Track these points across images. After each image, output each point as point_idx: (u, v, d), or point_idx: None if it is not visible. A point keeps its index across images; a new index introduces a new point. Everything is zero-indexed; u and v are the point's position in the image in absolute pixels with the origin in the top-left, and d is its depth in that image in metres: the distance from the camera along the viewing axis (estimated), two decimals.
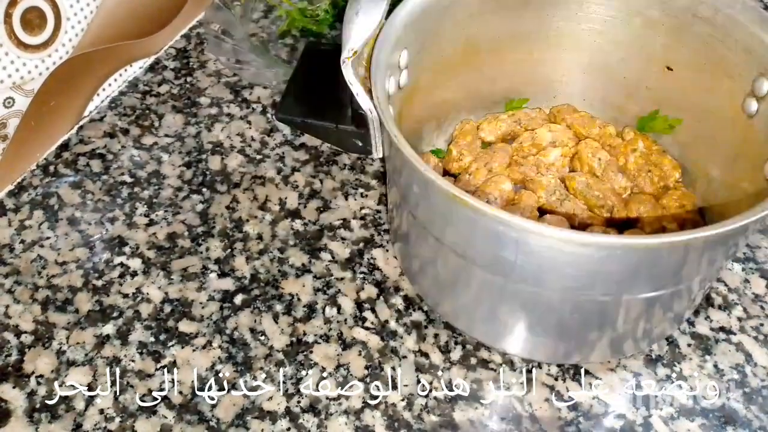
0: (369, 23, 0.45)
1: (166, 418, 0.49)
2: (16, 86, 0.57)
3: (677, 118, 0.57)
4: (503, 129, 0.60)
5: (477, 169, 0.56)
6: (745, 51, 0.48)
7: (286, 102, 0.54)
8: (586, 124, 0.59)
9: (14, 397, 0.50)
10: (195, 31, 0.75)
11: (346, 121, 0.49)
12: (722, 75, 0.51)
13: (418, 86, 0.53)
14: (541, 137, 0.58)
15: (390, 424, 0.49)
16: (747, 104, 0.49)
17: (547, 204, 0.54)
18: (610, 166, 0.56)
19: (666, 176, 0.56)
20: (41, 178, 0.62)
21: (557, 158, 0.57)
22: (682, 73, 0.55)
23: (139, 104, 0.67)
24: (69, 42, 0.60)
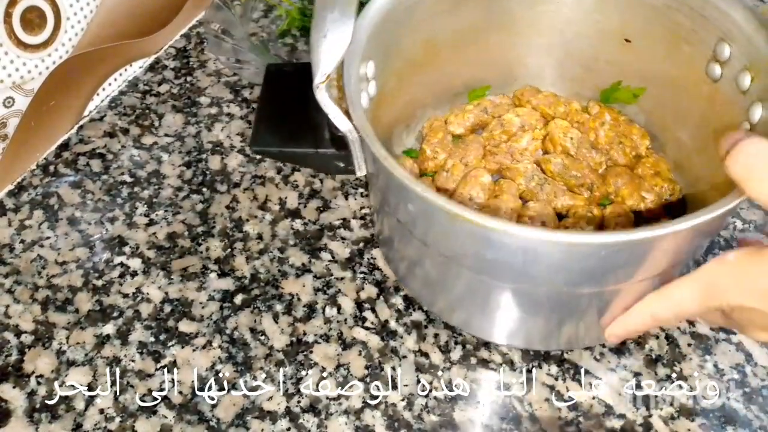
0: (338, 45, 0.44)
1: (166, 418, 0.49)
2: (15, 86, 0.57)
3: (641, 87, 0.58)
4: (471, 120, 0.60)
5: (454, 165, 0.56)
6: (701, 17, 0.49)
7: (259, 133, 0.51)
8: (551, 104, 0.60)
9: (14, 397, 0.50)
10: (195, 31, 0.75)
11: (325, 144, 0.47)
12: (681, 42, 0.51)
13: (385, 93, 0.53)
14: (509, 123, 0.58)
15: (390, 424, 0.49)
16: (710, 69, 0.49)
17: (528, 190, 0.55)
18: (582, 144, 0.57)
19: (636, 145, 0.57)
20: (41, 177, 0.62)
21: (529, 143, 0.57)
22: (641, 43, 0.55)
23: (139, 104, 0.67)
24: (69, 41, 0.60)
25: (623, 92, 0.59)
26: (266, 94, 0.54)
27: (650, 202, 0.54)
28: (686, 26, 0.50)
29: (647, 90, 0.58)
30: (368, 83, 0.50)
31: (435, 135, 0.59)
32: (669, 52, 0.53)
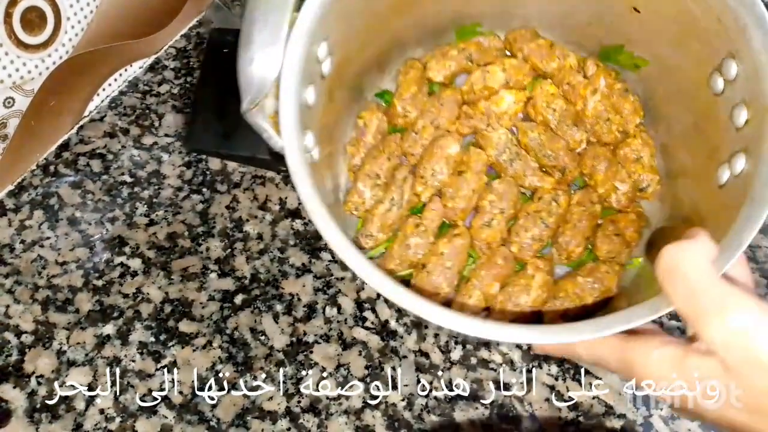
0: (267, 71, 0.41)
1: (166, 418, 0.49)
2: (16, 86, 0.57)
3: (644, 59, 0.52)
4: (453, 68, 0.54)
5: (424, 128, 0.53)
6: (718, 22, 0.43)
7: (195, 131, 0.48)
8: (544, 57, 0.54)
9: (15, 397, 0.50)
10: (195, 31, 0.75)
11: (262, 150, 0.44)
12: (691, 36, 0.46)
13: (348, 56, 0.49)
14: (493, 77, 0.53)
15: (390, 424, 0.49)
16: (714, 80, 0.44)
17: (497, 163, 0.52)
18: (565, 118, 0.53)
19: (626, 121, 0.53)
20: (41, 178, 0.62)
21: (510, 106, 0.53)
22: (650, 17, 0.49)
23: (139, 104, 0.67)
24: (69, 42, 0.60)
25: (625, 56, 0.53)
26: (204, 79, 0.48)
27: (622, 195, 0.51)
28: (700, 23, 0.45)
29: (651, 65, 0.52)
30: (321, 65, 0.46)
31: (408, 87, 0.54)
32: (677, 39, 0.48)
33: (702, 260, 0.34)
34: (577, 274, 0.49)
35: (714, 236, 0.38)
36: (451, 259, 0.48)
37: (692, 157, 0.49)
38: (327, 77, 0.46)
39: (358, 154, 0.53)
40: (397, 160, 0.53)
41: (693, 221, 0.46)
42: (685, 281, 0.34)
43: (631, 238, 0.50)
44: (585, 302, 0.48)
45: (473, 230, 0.50)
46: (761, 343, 0.32)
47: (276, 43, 0.41)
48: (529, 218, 0.50)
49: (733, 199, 0.41)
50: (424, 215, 0.50)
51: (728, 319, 0.32)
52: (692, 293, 0.33)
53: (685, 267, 0.34)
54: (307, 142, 0.43)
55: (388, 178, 0.52)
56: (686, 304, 0.34)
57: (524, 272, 0.49)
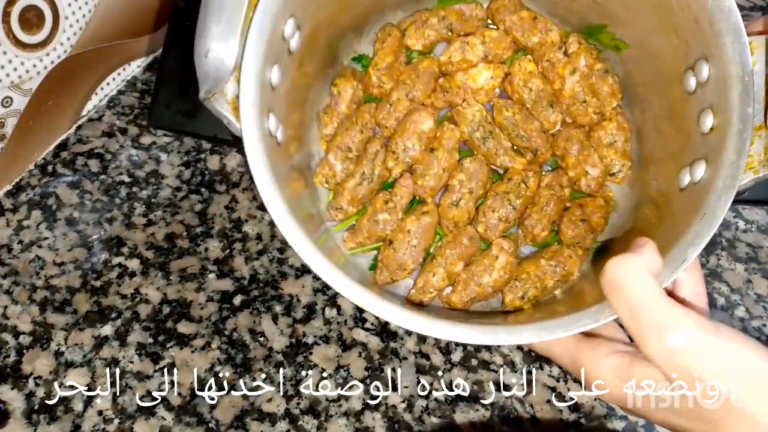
0: (223, 62, 0.40)
1: (165, 419, 0.49)
2: (14, 85, 0.57)
3: (624, 42, 0.51)
4: (432, 37, 0.53)
5: (398, 100, 0.52)
6: (695, 22, 0.43)
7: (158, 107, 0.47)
8: (526, 30, 0.52)
9: (13, 398, 0.49)
10: None
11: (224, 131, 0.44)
12: (670, 30, 0.46)
13: (321, 23, 0.48)
14: (472, 50, 0.52)
15: (390, 426, 0.49)
16: (687, 78, 0.44)
17: (470, 140, 0.52)
18: (541, 98, 0.52)
19: (603, 103, 0.52)
20: (39, 177, 0.61)
21: (487, 81, 0.53)
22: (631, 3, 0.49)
23: (138, 103, 0.67)
24: (67, 41, 0.60)
25: (607, 36, 0.52)
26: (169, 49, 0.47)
27: (592, 180, 0.51)
28: (678, 19, 0.45)
29: (631, 50, 0.51)
30: (288, 42, 0.45)
31: (385, 57, 0.52)
32: (656, 30, 0.47)
33: (644, 274, 0.34)
34: (540, 256, 0.49)
35: (671, 236, 0.39)
36: (417, 237, 0.48)
37: (663, 148, 0.49)
38: (295, 51, 0.46)
39: (331, 123, 0.52)
40: (370, 132, 0.52)
41: (658, 212, 0.47)
42: (627, 296, 0.34)
43: (596, 224, 0.50)
44: (545, 284, 0.48)
45: (441, 209, 0.50)
46: (697, 361, 0.33)
47: (232, 33, 0.40)
48: (497, 199, 0.50)
49: (689, 206, 0.42)
50: (394, 191, 0.50)
51: (666, 338, 0.33)
52: (633, 309, 0.34)
53: (626, 281, 0.34)
54: (269, 126, 0.43)
55: (359, 151, 0.51)
56: (628, 319, 0.35)
57: (488, 252, 0.49)
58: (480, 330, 0.39)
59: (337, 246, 0.50)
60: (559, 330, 0.39)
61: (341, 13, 0.50)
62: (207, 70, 0.40)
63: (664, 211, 0.46)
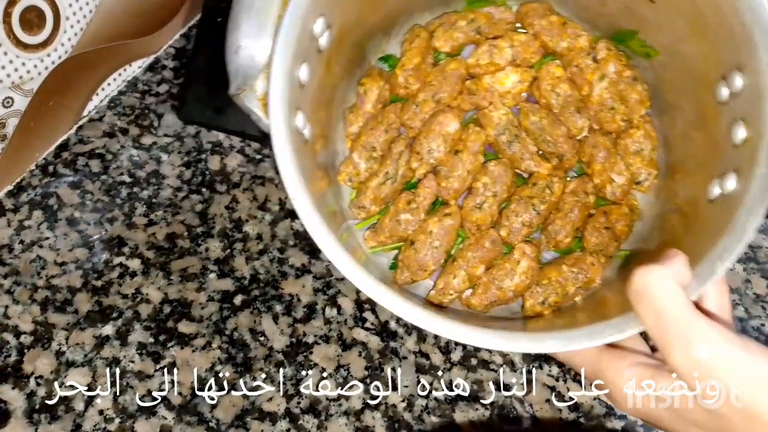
0: (254, 59, 0.40)
1: (165, 419, 0.49)
2: (15, 86, 0.57)
3: (655, 49, 0.50)
4: (460, 40, 0.53)
5: (424, 101, 0.52)
6: (730, 31, 0.42)
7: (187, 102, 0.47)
8: (555, 35, 0.52)
9: (14, 397, 0.50)
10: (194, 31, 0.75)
11: (253, 127, 0.44)
12: (703, 39, 0.45)
13: (350, 23, 0.47)
14: (500, 53, 0.52)
15: (390, 425, 0.49)
16: (719, 88, 0.43)
17: (495, 143, 0.52)
18: (568, 104, 0.51)
19: (631, 110, 0.51)
20: (40, 178, 0.62)
21: (514, 85, 0.52)
22: (664, 11, 0.48)
23: (139, 104, 0.67)
24: (68, 41, 0.60)
25: (637, 43, 0.51)
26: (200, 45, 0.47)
27: (617, 188, 0.50)
28: (713, 27, 0.43)
29: (661, 57, 0.50)
30: (317, 41, 0.44)
31: (412, 58, 0.52)
32: (688, 38, 0.46)
33: (672, 285, 0.34)
34: (562, 262, 0.49)
35: (699, 248, 0.38)
36: (439, 238, 0.48)
37: (692, 158, 0.48)
38: (324, 50, 0.45)
39: (357, 122, 0.52)
40: (395, 132, 0.52)
41: (685, 222, 0.46)
42: (653, 305, 0.34)
43: (621, 232, 0.50)
44: (567, 291, 0.48)
45: (464, 211, 0.50)
46: (722, 374, 0.33)
47: (263, 30, 0.40)
48: (521, 203, 0.50)
49: (719, 219, 0.41)
50: (417, 192, 0.50)
51: (692, 349, 0.33)
52: (659, 319, 0.34)
53: (654, 291, 0.34)
54: (297, 123, 0.43)
55: (384, 151, 0.51)
56: (654, 329, 0.34)
57: (510, 256, 0.49)
58: (504, 337, 0.39)
59: (359, 244, 0.50)
60: (583, 340, 0.38)
61: (370, 14, 0.50)
62: (237, 66, 0.40)
63: (692, 222, 0.45)
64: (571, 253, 0.50)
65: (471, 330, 0.39)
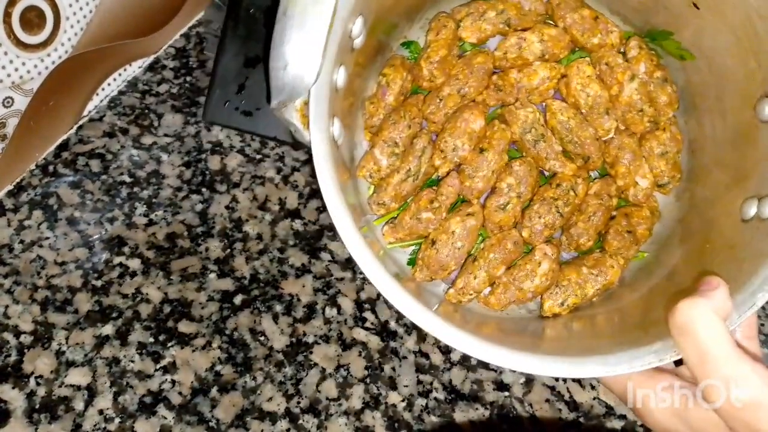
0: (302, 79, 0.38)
1: (165, 418, 0.49)
2: (15, 86, 0.57)
3: (691, 53, 0.49)
4: (488, 31, 0.51)
5: (449, 95, 0.50)
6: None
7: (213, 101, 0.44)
8: (586, 30, 0.50)
9: (14, 397, 0.50)
10: (194, 31, 0.75)
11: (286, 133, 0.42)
12: (748, 52, 0.43)
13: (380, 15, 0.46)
14: (529, 48, 0.50)
15: (390, 425, 0.49)
16: (761, 105, 0.42)
17: (520, 141, 0.50)
18: (597, 105, 0.50)
19: (659, 112, 0.50)
20: (40, 178, 0.62)
21: (543, 81, 0.51)
22: (709, 18, 0.46)
23: (139, 104, 0.67)
24: (68, 41, 0.60)
25: (672, 44, 0.50)
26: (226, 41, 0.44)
27: (641, 191, 0.50)
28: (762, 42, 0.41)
29: (697, 62, 0.49)
30: (354, 40, 0.43)
31: (438, 50, 0.50)
32: (732, 50, 0.45)
33: (715, 321, 0.34)
34: (582, 263, 0.49)
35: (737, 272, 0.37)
36: (462, 239, 0.48)
37: (720, 171, 0.47)
38: (357, 48, 0.44)
39: (377, 114, 0.50)
40: (418, 127, 0.51)
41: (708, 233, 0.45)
42: (696, 341, 0.34)
43: (641, 235, 0.50)
44: (586, 293, 0.48)
45: (487, 211, 0.49)
46: (762, 417, 0.33)
47: (314, 49, 0.37)
48: (544, 204, 0.49)
49: (757, 244, 0.39)
50: (439, 191, 0.49)
51: (733, 391, 0.33)
52: (701, 355, 0.34)
53: (697, 326, 0.34)
54: (334, 132, 0.42)
55: (406, 146, 0.50)
56: (696, 367, 0.34)
57: (531, 257, 0.48)
58: (541, 359, 0.39)
59: (377, 238, 0.49)
60: (623, 365, 0.38)
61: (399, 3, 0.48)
62: (283, 83, 0.38)
63: (722, 239, 0.44)
64: (590, 254, 0.50)
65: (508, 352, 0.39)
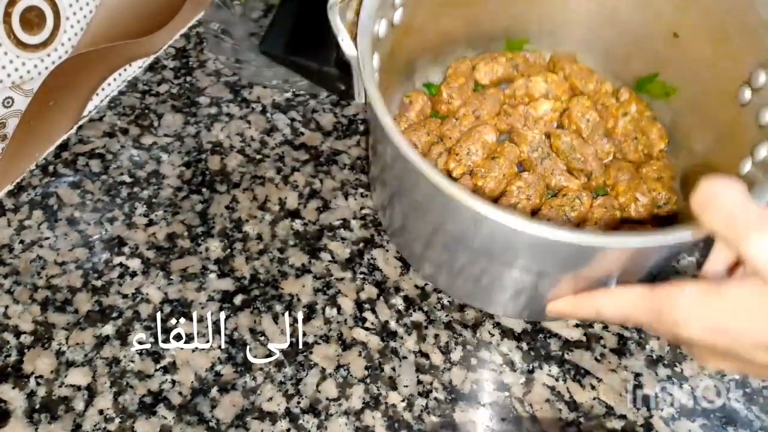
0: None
1: (165, 418, 0.49)
2: (15, 86, 0.57)
3: (674, 87, 0.57)
4: (500, 73, 0.59)
5: (465, 115, 0.56)
6: (751, 35, 0.47)
7: (271, 35, 0.53)
8: (583, 77, 0.59)
9: (14, 397, 0.50)
10: (194, 31, 0.75)
11: (330, 63, 0.49)
12: (725, 54, 0.50)
13: (415, 21, 0.53)
14: (535, 87, 0.58)
15: (390, 425, 0.49)
16: (741, 92, 0.48)
17: (528, 159, 0.55)
18: (597, 129, 0.56)
19: (651, 144, 0.56)
20: (40, 178, 0.62)
21: (547, 112, 0.57)
22: (688, 41, 0.53)
23: (139, 104, 0.67)
24: (68, 41, 0.60)
25: (657, 86, 0.58)
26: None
27: (641, 206, 0.53)
28: (734, 39, 0.49)
29: (680, 92, 0.57)
30: (394, 10, 0.49)
31: (457, 79, 0.58)
32: (711, 59, 0.52)
33: (736, 188, 0.34)
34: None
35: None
36: None
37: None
38: (395, 29, 0.50)
39: (400, 127, 0.55)
40: (435, 138, 0.56)
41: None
42: (724, 207, 0.34)
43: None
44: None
45: None
46: None
47: None
48: (552, 210, 0.52)
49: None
50: None
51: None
52: (731, 217, 0.34)
53: (722, 196, 0.34)
54: (374, 62, 0.46)
55: (424, 151, 0.55)
56: (726, 228, 0.34)
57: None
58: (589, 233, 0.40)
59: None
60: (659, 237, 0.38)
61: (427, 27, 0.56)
62: None
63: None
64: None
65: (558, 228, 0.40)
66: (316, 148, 0.65)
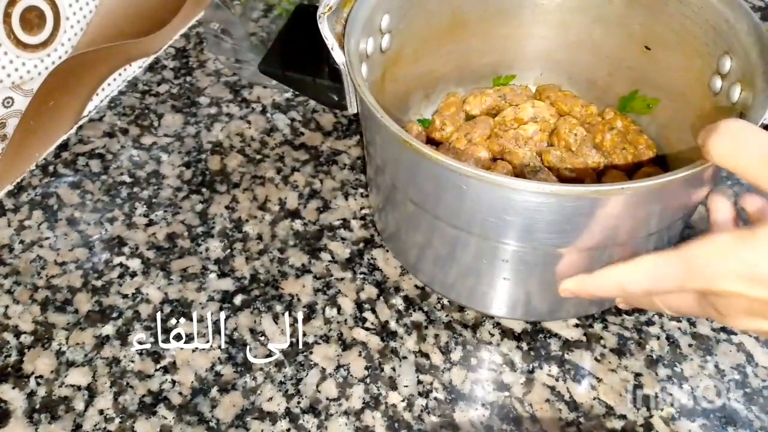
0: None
1: (165, 418, 0.49)
2: (15, 86, 0.57)
3: (655, 98, 0.59)
4: (488, 103, 0.61)
5: (457, 139, 0.58)
6: (713, 29, 0.49)
7: (271, 56, 0.58)
8: (569, 102, 0.61)
9: (14, 397, 0.50)
10: (194, 31, 0.75)
11: (323, 75, 0.52)
12: (694, 54, 0.52)
13: (403, 53, 0.55)
14: (523, 112, 0.60)
15: (390, 425, 0.49)
16: (713, 82, 0.50)
17: (521, 174, 0.56)
18: (585, 142, 0.57)
19: (640, 155, 0.58)
20: (40, 178, 0.62)
21: (536, 132, 0.59)
22: (659, 52, 0.56)
23: (139, 104, 0.67)
24: (68, 41, 0.60)
25: (638, 101, 0.60)
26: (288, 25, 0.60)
27: None
28: (699, 38, 0.51)
29: (661, 102, 0.58)
30: (382, 35, 0.52)
31: (448, 109, 0.60)
32: (683, 62, 0.53)
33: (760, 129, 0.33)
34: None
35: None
36: None
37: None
38: (385, 55, 0.53)
39: None
40: None
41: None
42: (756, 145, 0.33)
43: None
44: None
45: None
46: None
47: None
48: None
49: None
50: None
51: None
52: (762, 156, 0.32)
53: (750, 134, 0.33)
54: (363, 69, 0.48)
55: None
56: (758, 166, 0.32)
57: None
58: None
59: None
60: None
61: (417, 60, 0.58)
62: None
63: None
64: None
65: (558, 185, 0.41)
66: (316, 148, 0.65)
